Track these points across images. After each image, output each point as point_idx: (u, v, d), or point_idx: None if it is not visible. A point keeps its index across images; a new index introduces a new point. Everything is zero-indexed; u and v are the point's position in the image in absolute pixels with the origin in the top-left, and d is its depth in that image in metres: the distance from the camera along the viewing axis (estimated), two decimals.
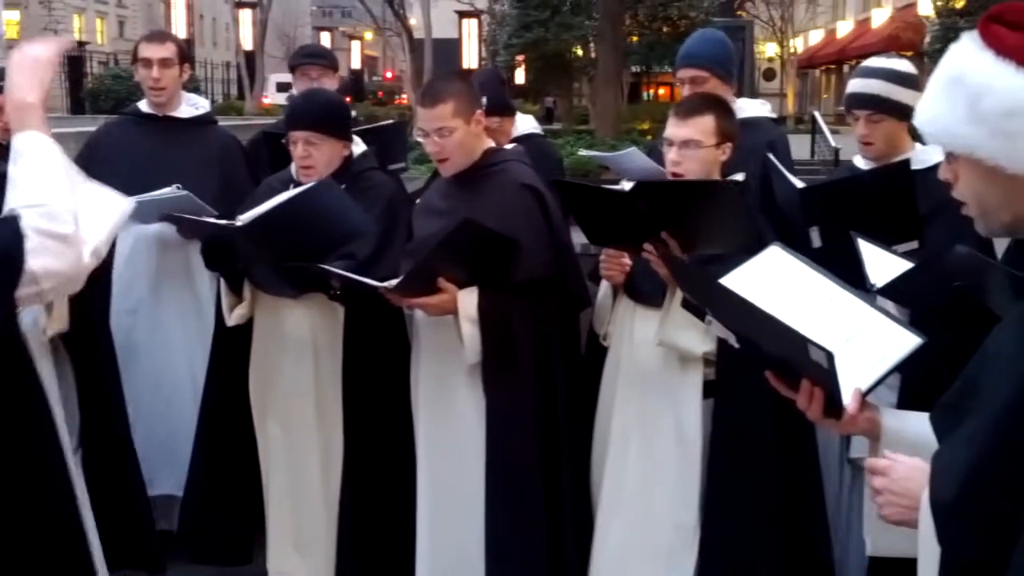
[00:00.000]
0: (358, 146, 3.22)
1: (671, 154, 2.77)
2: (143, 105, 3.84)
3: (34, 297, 1.59)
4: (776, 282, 1.75)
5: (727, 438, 2.73)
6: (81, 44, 29.09)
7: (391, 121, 4.86)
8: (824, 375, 1.52)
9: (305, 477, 3.20)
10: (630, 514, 2.85)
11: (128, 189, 3.34)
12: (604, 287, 2.99)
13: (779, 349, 1.63)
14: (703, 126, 2.75)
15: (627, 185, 2.77)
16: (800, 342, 1.51)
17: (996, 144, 1.29)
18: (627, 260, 2.81)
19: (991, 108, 1.29)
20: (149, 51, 3.70)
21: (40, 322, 2.33)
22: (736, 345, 1.79)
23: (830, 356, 1.47)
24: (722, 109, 2.83)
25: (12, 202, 1.60)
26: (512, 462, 2.89)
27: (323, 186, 2.86)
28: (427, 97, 2.91)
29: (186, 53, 3.86)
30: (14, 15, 43.35)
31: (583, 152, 5.81)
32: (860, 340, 1.64)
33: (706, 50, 3.41)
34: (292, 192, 2.90)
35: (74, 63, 24.14)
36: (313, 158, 3.03)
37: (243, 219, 2.86)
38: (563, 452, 2.93)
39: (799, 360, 1.56)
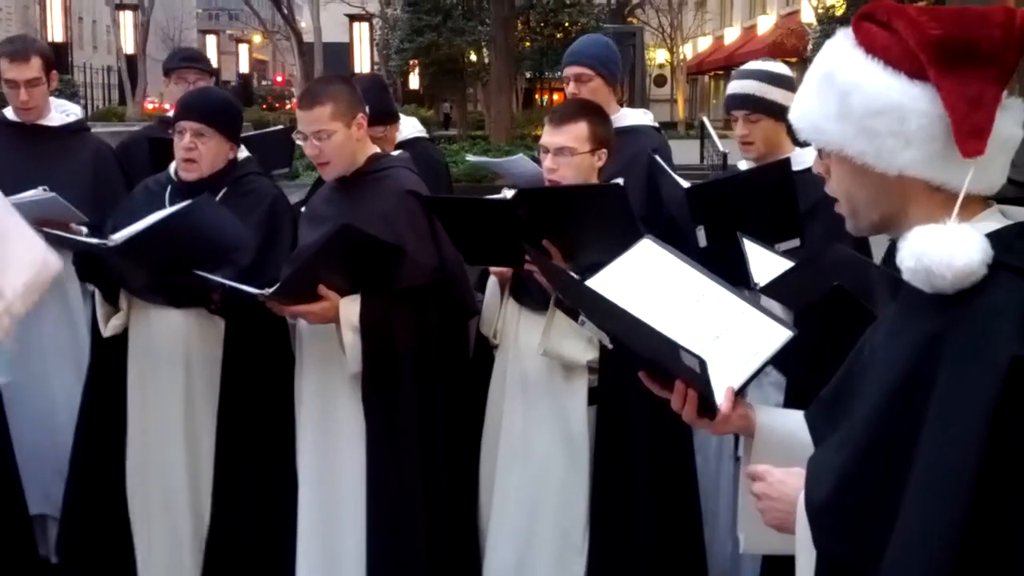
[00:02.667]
0: (241, 152, 3.16)
1: (547, 161, 2.78)
2: (9, 112, 3.69)
3: None
4: (647, 278, 1.73)
5: (610, 443, 2.75)
6: None
7: (277, 128, 4.77)
8: (697, 379, 1.51)
9: (171, 495, 3.06)
10: (519, 525, 2.84)
11: None
12: (491, 286, 2.97)
13: (651, 352, 1.61)
14: (576, 133, 2.76)
15: (508, 193, 2.75)
16: (672, 348, 1.50)
17: (863, 142, 1.29)
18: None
19: (858, 106, 1.29)
20: (13, 72, 3.52)
21: None
22: (609, 346, 1.78)
23: (703, 363, 1.46)
24: (596, 115, 2.84)
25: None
26: (392, 477, 2.84)
27: (199, 204, 2.78)
28: (305, 99, 2.86)
29: (52, 62, 3.68)
30: None
31: (471, 158, 5.79)
32: (731, 335, 1.64)
33: (591, 49, 3.51)
34: (166, 211, 2.80)
35: None
36: (199, 151, 2.96)
37: (116, 238, 2.76)
38: (442, 465, 2.88)
39: (671, 364, 1.55)
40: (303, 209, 3.23)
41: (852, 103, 1.29)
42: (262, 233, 2.98)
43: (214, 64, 4.24)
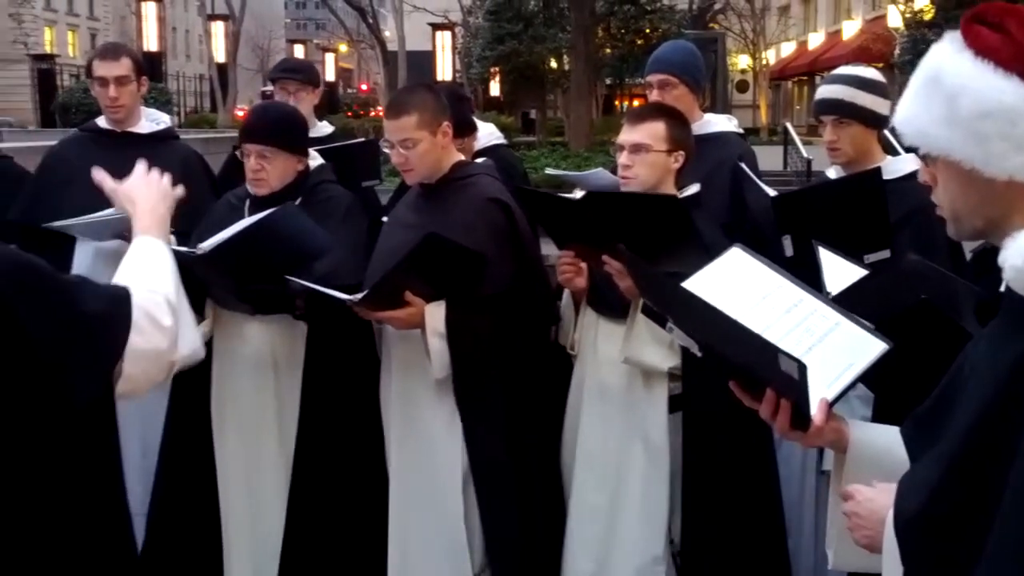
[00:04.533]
0: (315, 160, 3.21)
1: (621, 158, 2.78)
2: (101, 121, 3.76)
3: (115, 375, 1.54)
4: (737, 285, 1.70)
5: (695, 451, 2.72)
6: (52, 57, 28.86)
7: (363, 140, 4.83)
8: (793, 386, 1.48)
9: (265, 497, 3.13)
10: (597, 534, 2.83)
11: (85, 206, 3.34)
12: (566, 297, 2.98)
13: (744, 357, 1.58)
14: (653, 131, 2.75)
15: (578, 194, 2.76)
16: (770, 352, 1.47)
17: (971, 146, 1.25)
18: (583, 264, 2.80)
19: (967, 109, 1.25)
20: (103, 69, 3.59)
21: None
22: (698, 353, 1.74)
23: (802, 367, 1.43)
24: (675, 117, 2.84)
25: (121, 279, 1.60)
26: (489, 479, 2.87)
27: (281, 212, 2.83)
28: (391, 109, 2.91)
29: (143, 66, 3.75)
30: None
31: (549, 171, 5.79)
32: (825, 346, 1.60)
33: (676, 56, 3.48)
34: (251, 219, 2.86)
35: (44, 76, 23.96)
36: (265, 171, 3.03)
37: (203, 247, 2.83)
38: (532, 471, 2.90)
39: (765, 370, 1.52)
40: (385, 218, 3.27)
41: (960, 106, 1.25)
42: (338, 239, 3.02)
43: None
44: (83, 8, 52.13)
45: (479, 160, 3.27)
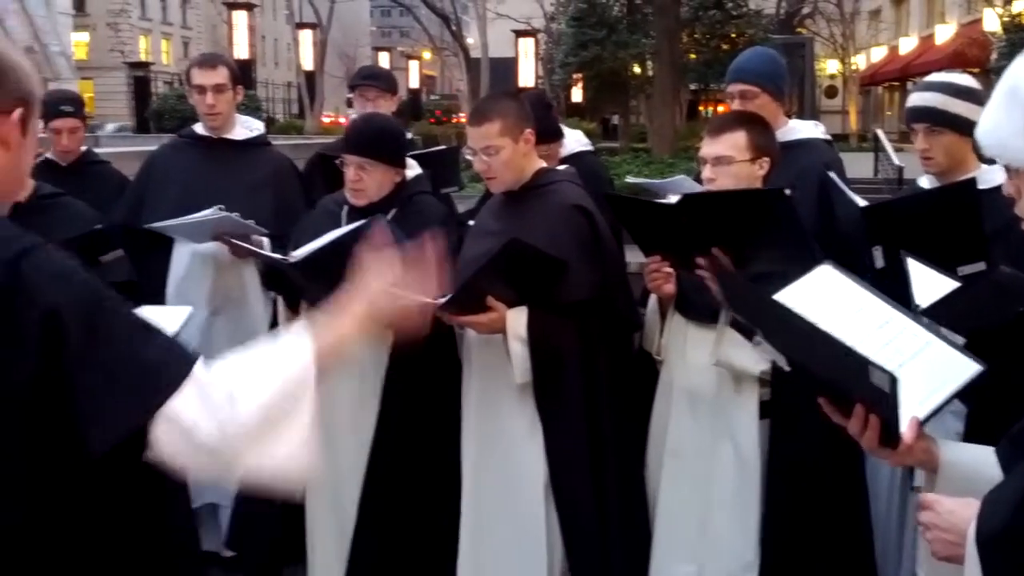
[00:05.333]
0: (413, 169, 3.26)
1: (705, 171, 2.77)
2: (198, 127, 3.88)
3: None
4: (828, 302, 1.68)
5: (782, 459, 2.69)
6: (147, 65, 29.80)
7: (444, 147, 4.88)
8: (884, 400, 1.45)
9: (345, 493, 3.18)
10: (687, 540, 2.82)
11: (182, 210, 3.46)
12: (652, 303, 2.96)
13: (834, 371, 1.56)
14: (735, 141, 2.73)
15: (673, 199, 2.74)
16: (860, 364, 1.45)
17: None
18: (669, 269, 2.78)
19: None
20: (202, 78, 3.71)
21: None
22: (786, 368, 1.72)
23: (893, 380, 1.40)
24: (755, 124, 2.81)
25: (218, 359, 1.45)
26: (570, 483, 2.88)
27: (369, 226, 2.88)
28: (475, 116, 2.94)
29: (239, 75, 3.86)
30: (83, 36, 44.69)
31: (631, 179, 5.76)
32: (916, 365, 1.57)
33: (756, 65, 3.42)
34: (339, 232, 2.93)
35: (140, 83, 24.77)
36: (364, 182, 3.10)
37: (296, 255, 2.91)
38: (612, 477, 2.89)
39: (855, 384, 1.49)
40: (471, 222, 3.31)
41: None
42: None
43: None
44: (176, 17, 53.73)
45: (562, 167, 3.28)
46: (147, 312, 1.58)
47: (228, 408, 1.40)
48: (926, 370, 1.56)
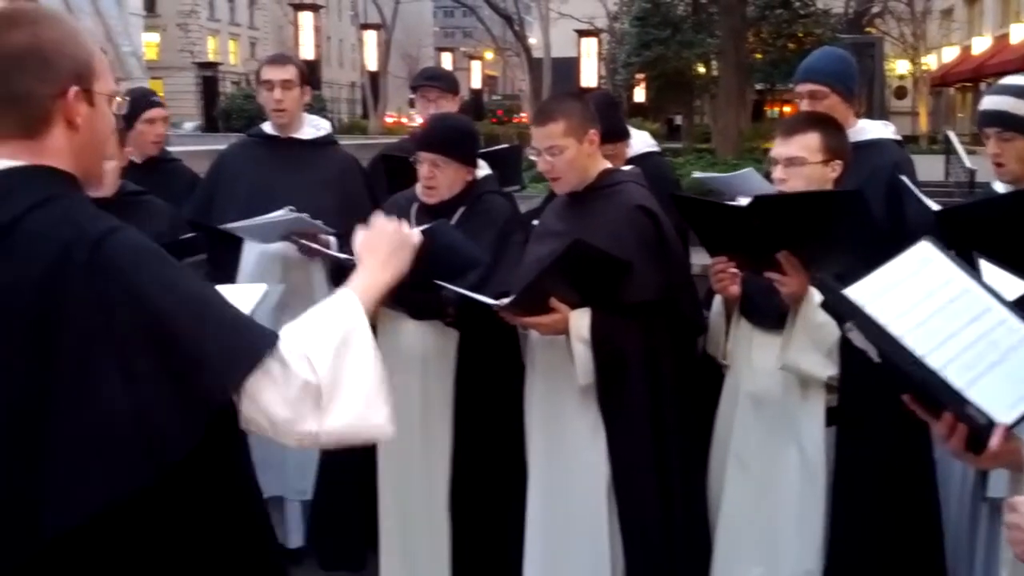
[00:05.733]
0: (483, 169, 3.30)
1: (776, 172, 2.74)
2: (266, 127, 3.93)
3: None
4: (920, 287, 1.58)
5: (848, 467, 2.64)
6: (215, 65, 30.34)
7: (506, 146, 4.89)
8: (978, 429, 1.41)
9: (411, 491, 3.24)
10: (750, 546, 2.78)
11: (251, 208, 3.52)
12: (716, 305, 2.92)
13: (926, 386, 1.50)
14: (807, 143, 2.69)
15: (744, 201, 2.70)
16: (957, 400, 1.41)
17: None
18: (735, 269, 2.74)
19: None
20: (271, 73, 3.78)
21: None
22: (876, 360, 1.63)
23: (991, 424, 1.37)
24: (828, 126, 2.77)
25: (286, 329, 1.48)
26: (632, 480, 2.87)
27: (436, 228, 2.91)
28: (539, 116, 2.95)
29: (307, 76, 3.93)
30: (153, 37, 45.70)
31: (697, 174, 5.70)
32: (1011, 362, 1.49)
33: (826, 65, 3.37)
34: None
35: (208, 83, 25.22)
36: (436, 179, 3.14)
37: None
38: (676, 481, 2.88)
39: (949, 400, 1.45)
40: (534, 223, 3.31)
41: None
42: (494, 250, 3.10)
43: None
44: (244, 18, 54.65)
45: (627, 168, 3.26)
46: (224, 289, 1.63)
47: (309, 369, 1.42)
48: (1020, 368, 1.49)
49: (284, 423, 1.41)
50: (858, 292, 1.57)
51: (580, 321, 2.81)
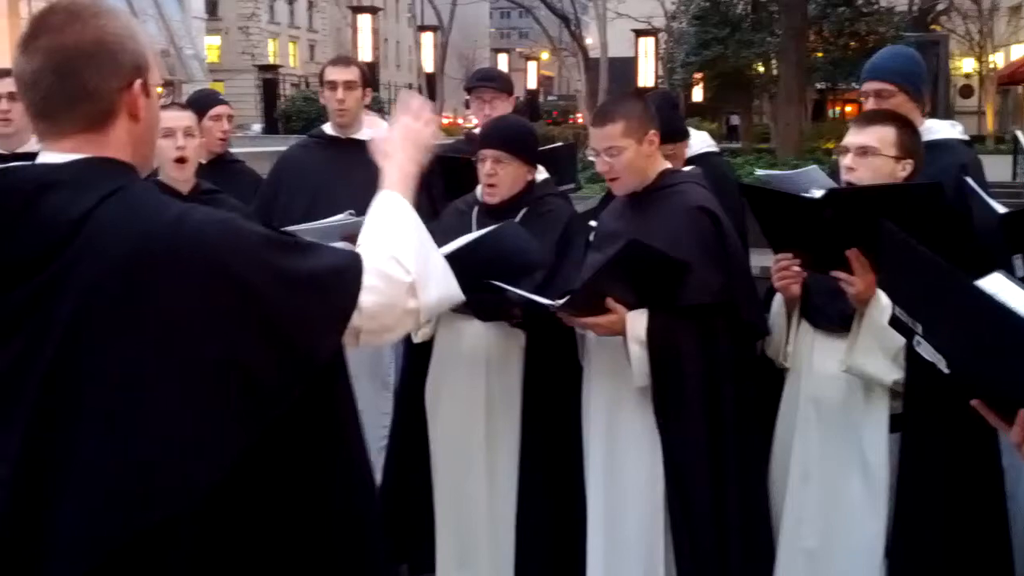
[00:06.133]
0: (540, 173, 3.31)
1: (846, 160, 2.67)
2: (327, 128, 4.02)
3: (350, 333, 1.53)
4: None
5: (912, 476, 2.57)
6: (275, 67, 30.74)
7: (560, 144, 4.87)
8: None
9: (470, 493, 3.24)
10: (812, 550, 2.73)
11: (312, 207, 3.55)
12: (776, 306, 2.87)
13: (1010, 377, 1.45)
14: (882, 135, 2.64)
15: (817, 193, 2.65)
16: None
17: None
18: (798, 268, 2.69)
19: None
20: (335, 74, 3.89)
21: None
22: (946, 370, 1.59)
23: None
24: (906, 126, 2.71)
25: (363, 243, 1.61)
26: (686, 488, 2.83)
27: (505, 228, 2.96)
28: (598, 116, 2.94)
29: (368, 78, 4.04)
30: (215, 40, 46.48)
31: (760, 172, 5.64)
32: None
33: (895, 64, 3.32)
34: (476, 234, 2.98)
35: (268, 85, 25.55)
36: (499, 177, 3.15)
37: None
38: (731, 491, 2.83)
39: None
40: (592, 223, 3.29)
41: None
42: (557, 251, 3.11)
43: None
44: (303, 21, 55.31)
45: (687, 168, 3.23)
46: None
47: (402, 271, 1.58)
48: None
49: (394, 322, 1.57)
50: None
51: (637, 322, 2.79)
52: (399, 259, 1.58)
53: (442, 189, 3.77)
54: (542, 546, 3.18)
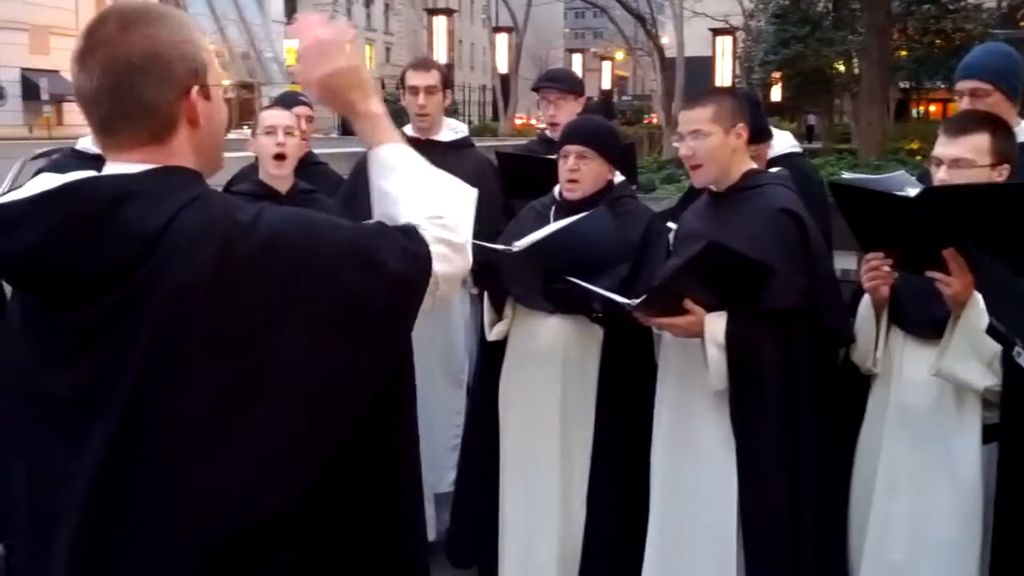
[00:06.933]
0: (618, 176, 3.30)
1: (940, 173, 2.58)
2: (408, 129, 4.03)
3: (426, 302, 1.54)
4: None
5: (1012, 493, 2.46)
6: None
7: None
8: None
9: (541, 496, 3.21)
10: (899, 564, 2.64)
11: None
12: (864, 310, 2.78)
13: None
14: (976, 144, 2.53)
15: (912, 191, 2.55)
16: None
17: None
18: (887, 269, 2.61)
19: None
20: (416, 79, 3.90)
21: None
22: None
23: None
24: (998, 127, 2.60)
25: (405, 215, 1.55)
26: (757, 497, 2.76)
27: (597, 214, 2.96)
28: (689, 100, 2.95)
29: (448, 80, 4.03)
30: (294, 43, 47.26)
31: (846, 175, 5.52)
32: None
33: (991, 62, 3.22)
34: (565, 221, 2.97)
35: None
36: (581, 172, 3.15)
37: (519, 245, 2.95)
38: (809, 492, 2.75)
39: None
40: (669, 224, 3.24)
41: None
42: (638, 253, 3.08)
43: None
44: (379, 23, 55.89)
45: (773, 169, 3.16)
46: None
47: (457, 235, 1.55)
48: None
49: (452, 276, 1.55)
50: None
51: (716, 324, 2.73)
52: (453, 223, 1.56)
53: (504, 186, 3.78)
54: (609, 552, 3.14)
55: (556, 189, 3.27)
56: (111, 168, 1.41)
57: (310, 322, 1.37)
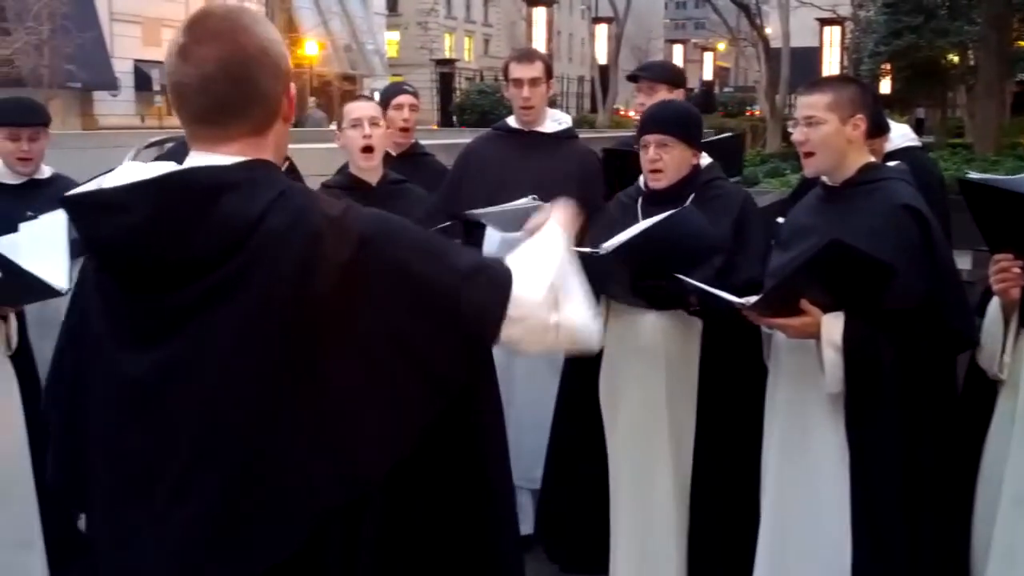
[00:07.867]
0: (705, 158, 3.24)
1: None
2: (511, 120, 4.05)
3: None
4: None
5: None
6: (452, 62, 31.39)
7: (728, 134, 4.76)
8: None
9: (653, 491, 3.17)
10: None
11: (494, 198, 3.57)
12: (992, 313, 2.64)
13: None
14: None
15: None
16: None
17: None
18: (1019, 269, 2.49)
19: None
20: (520, 71, 3.88)
21: None
22: None
23: None
24: None
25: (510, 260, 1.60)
26: (876, 507, 2.66)
27: (683, 212, 2.89)
28: (807, 85, 2.83)
29: (551, 71, 4.00)
30: (395, 35, 47.93)
31: (973, 175, 5.30)
32: None
33: None
34: (652, 220, 2.92)
35: (445, 79, 26.14)
36: (663, 161, 3.10)
37: (606, 246, 2.92)
38: (926, 518, 2.64)
39: None
40: (778, 220, 3.15)
41: None
42: (734, 235, 3.03)
43: None
44: (479, 15, 56.20)
45: (892, 164, 3.04)
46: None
47: (542, 288, 1.53)
48: None
49: (540, 335, 1.53)
50: None
51: (833, 326, 2.63)
52: (536, 278, 1.55)
53: (615, 184, 3.72)
54: (716, 553, 3.11)
55: (641, 179, 3.22)
56: (201, 159, 1.44)
57: (392, 313, 1.40)
